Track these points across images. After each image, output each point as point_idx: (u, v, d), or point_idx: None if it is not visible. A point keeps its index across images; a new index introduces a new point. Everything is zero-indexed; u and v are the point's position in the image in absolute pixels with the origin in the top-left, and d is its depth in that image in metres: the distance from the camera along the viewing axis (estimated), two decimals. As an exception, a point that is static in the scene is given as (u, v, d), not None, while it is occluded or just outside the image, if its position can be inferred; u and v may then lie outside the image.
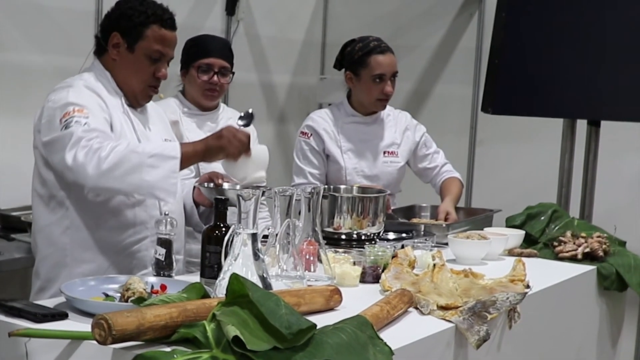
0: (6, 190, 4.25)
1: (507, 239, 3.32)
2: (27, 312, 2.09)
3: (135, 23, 2.88)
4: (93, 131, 2.64)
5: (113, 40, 2.90)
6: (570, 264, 3.28)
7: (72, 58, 4.59)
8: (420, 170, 4.10)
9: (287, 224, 2.41)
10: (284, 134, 6.09)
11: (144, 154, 2.61)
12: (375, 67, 3.86)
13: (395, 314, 2.26)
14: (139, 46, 2.89)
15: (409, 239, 3.19)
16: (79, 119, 2.67)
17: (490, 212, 3.88)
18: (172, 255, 2.52)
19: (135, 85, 2.94)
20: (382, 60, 3.86)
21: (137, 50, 2.89)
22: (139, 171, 2.59)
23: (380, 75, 3.85)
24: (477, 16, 6.03)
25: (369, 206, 3.05)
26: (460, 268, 2.77)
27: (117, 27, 2.89)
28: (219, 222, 2.51)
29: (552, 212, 3.68)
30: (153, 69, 2.92)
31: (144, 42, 2.89)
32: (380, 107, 3.95)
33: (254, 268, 2.18)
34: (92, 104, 2.76)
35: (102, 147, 2.59)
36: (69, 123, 2.67)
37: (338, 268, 2.62)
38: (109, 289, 2.31)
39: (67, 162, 2.62)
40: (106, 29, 2.93)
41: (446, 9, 6.10)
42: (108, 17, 2.96)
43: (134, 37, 2.88)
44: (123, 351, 1.86)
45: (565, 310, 3.07)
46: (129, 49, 2.89)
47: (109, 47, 2.91)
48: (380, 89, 3.87)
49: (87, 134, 2.63)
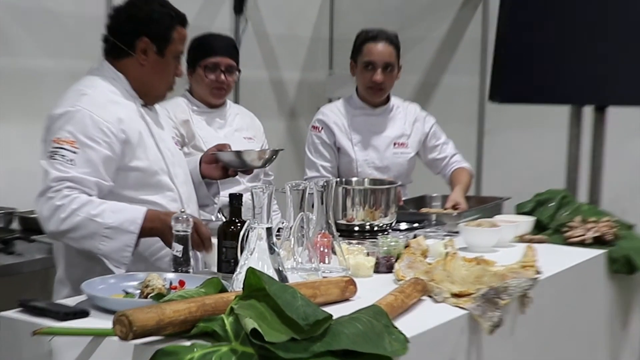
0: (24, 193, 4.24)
1: (517, 225, 3.32)
2: (50, 311, 2.10)
3: (164, 27, 2.83)
4: (64, 181, 2.61)
5: (141, 45, 2.83)
6: (580, 249, 3.27)
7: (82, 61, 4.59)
8: (430, 161, 4.10)
9: (301, 218, 2.41)
10: (295, 129, 6.10)
11: (102, 225, 2.60)
12: (365, 54, 3.89)
13: (410, 303, 2.26)
14: (169, 50, 2.85)
15: (421, 228, 3.20)
16: (65, 152, 2.64)
17: (500, 200, 3.88)
18: (189, 252, 2.52)
19: (162, 87, 2.93)
20: (372, 47, 3.87)
21: (167, 54, 2.86)
22: (94, 239, 2.62)
23: (369, 62, 3.87)
24: (481, 7, 6.02)
25: (381, 198, 3.05)
26: (472, 256, 2.77)
27: (146, 32, 2.82)
28: (234, 217, 2.51)
29: (561, 198, 3.68)
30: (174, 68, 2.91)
31: (173, 45, 2.86)
32: (371, 96, 3.95)
33: (269, 262, 2.19)
34: (89, 131, 2.69)
35: (64, 206, 2.59)
36: (54, 153, 2.65)
37: (352, 259, 2.63)
38: (129, 286, 2.32)
39: (36, 208, 2.65)
40: (129, 32, 2.84)
41: (451, 1, 6.09)
42: (130, 20, 2.84)
43: (165, 41, 2.84)
44: (144, 346, 1.86)
45: (575, 294, 3.07)
46: (159, 53, 2.85)
47: (136, 52, 2.84)
48: (369, 77, 3.88)
49: (56, 183, 2.61)
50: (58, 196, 2.60)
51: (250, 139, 3.82)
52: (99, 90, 2.81)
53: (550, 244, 3.34)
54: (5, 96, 4.26)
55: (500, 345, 2.46)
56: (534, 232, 3.45)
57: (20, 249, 3.70)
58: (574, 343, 3.10)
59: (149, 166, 2.84)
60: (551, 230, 3.51)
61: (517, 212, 3.62)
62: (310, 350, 1.76)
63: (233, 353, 1.77)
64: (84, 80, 2.87)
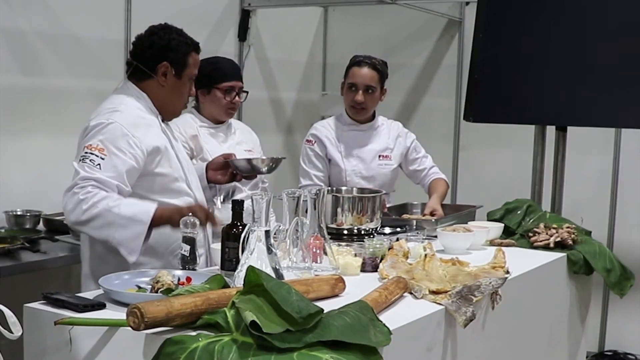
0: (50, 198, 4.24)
1: (488, 231, 3.31)
2: (70, 303, 2.08)
3: (181, 53, 2.91)
4: (89, 180, 2.65)
5: (162, 69, 2.90)
6: (544, 252, 3.26)
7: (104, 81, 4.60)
8: (411, 172, 4.09)
9: (296, 222, 2.40)
10: (291, 143, 6.08)
11: (117, 215, 2.63)
12: (350, 77, 3.91)
13: (392, 299, 2.25)
14: (185, 73, 2.93)
15: (403, 232, 3.18)
16: (94, 157, 2.69)
17: (473, 208, 3.87)
18: (196, 251, 2.51)
19: (179, 105, 3.01)
20: (356, 71, 3.89)
21: (184, 77, 2.93)
22: (110, 228, 2.64)
23: (352, 84, 3.90)
24: (457, 37, 6.03)
25: (368, 205, 3.04)
26: (448, 257, 2.76)
27: (166, 57, 2.89)
28: (236, 221, 2.49)
29: (527, 206, 3.66)
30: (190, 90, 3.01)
31: (188, 69, 2.94)
32: (354, 114, 3.96)
33: (267, 261, 2.17)
34: (118, 142, 2.73)
35: (86, 199, 2.62)
36: (85, 157, 2.70)
37: (341, 259, 2.61)
38: (141, 281, 2.30)
39: (62, 202, 2.68)
40: (151, 58, 2.90)
41: (430, 32, 6.10)
42: (151, 47, 2.90)
43: (182, 66, 2.91)
44: (154, 336, 1.85)
45: (540, 292, 3.06)
46: (177, 76, 2.92)
47: (157, 75, 2.90)
48: (352, 97, 3.90)
49: (82, 181, 2.65)
50: (82, 192, 2.64)
51: (249, 151, 3.81)
52: (129, 107, 2.85)
53: (517, 247, 3.33)
54: (37, 111, 4.25)
55: (473, 337, 2.45)
56: (503, 236, 3.44)
57: (45, 248, 3.68)
58: (538, 335, 3.08)
59: (171, 173, 2.89)
60: (518, 235, 3.50)
61: (488, 219, 3.60)
62: (303, 341, 1.75)
63: (234, 342, 1.75)
64: (114, 98, 2.91)
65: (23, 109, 4.18)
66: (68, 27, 4.37)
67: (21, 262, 3.49)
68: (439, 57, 6.10)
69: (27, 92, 4.20)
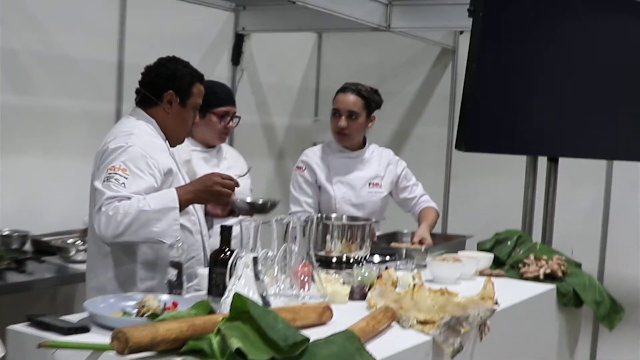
0: (39, 218, 4.24)
1: (478, 261, 3.31)
2: (55, 326, 2.08)
3: (186, 83, 3.06)
4: (114, 198, 2.77)
5: (167, 97, 3.05)
6: (533, 284, 3.26)
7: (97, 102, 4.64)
8: (402, 200, 4.09)
9: (285, 248, 2.40)
10: (283, 168, 6.08)
11: (151, 211, 2.76)
12: (334, 103, 3.94)
13: (380, 328, 2.24)
14: (189, 102, 3.08)
15: (392, 261, 3.17)
16: (118, 177, 2.82)
17: (464, 238, 3.87)
18: (182, 277, 2.50)
19: (183, 132, 3.14)
20: (340, 97, 3.92)
21: (188, 105, 3.09)
22: (148, 226, 2.76)
23: (335, 110, 3.92)
24: (450, 66, 6.06)
25: (357, 233, 3.02)
26: (437, 287, 2.74)
27: (172, 86, 3.05)
28: (224, 246, 2.49)
29: (518, 237, 3.67)
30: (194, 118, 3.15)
31: (192, 98, 3.09)
32: (338, 140, 3.97)
33: (255, 287, 2.17)
34: (139, 163, 2.87)
35: (116, 212, 2.74)
36: (109, 178, 2.83)
37: (329, 287, 2.60)
38: (127, 305, 2.29)
39: (95, 227, 2.80)
40: (158, 86, 3.06)
41: (424, 60, 6.13)
42: (158, 77, 3.06)
43: (186, 95, 3.07)
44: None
45: (529, 324, 3.05)
46: (181, 104, 3.07)
47: (163, 103, 3.06)
48: (335, 123, 3.91)
49: (109, 200, 2.77)
50: (110, 207, 2.76)
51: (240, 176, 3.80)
52: (142, 130, 3.01)
53: (507, 278, 3.33)
54: (28, 131, 4.25)
55: (460, 369, 2.44)
56: (493, 267, 3.44)
57: (31, 269, 3.67)
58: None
59: None
60: (508, 266, 3.50)
61: (478, 249, 3.60)
62: (288, 369, 1.74)
63: (219, 370, 1.74)
64: (127, 122, 3.06)
65: (14, 128, 4.18)
66: (61, 47, 4.38)
67: (7, 283, 3.48)
68: (432, 85, 6.13)
69: (18, 111, 4.21)
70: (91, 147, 4.53)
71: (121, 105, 4.68)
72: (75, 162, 4.46)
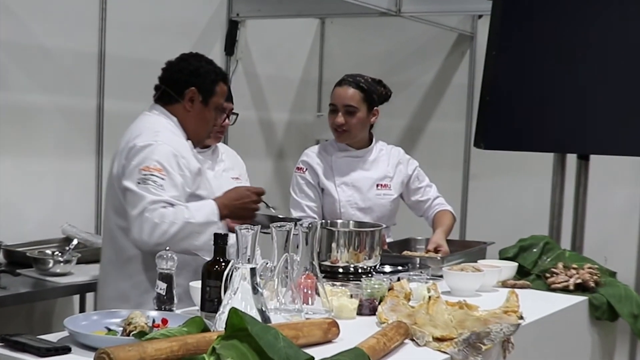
0: (10, 227, 4.24)
1: (500, 270, 3.31)
2: (31, 347, 2.08)
3: (210, 80, 3.23)
4: (159, 202, 2.93)
5: (189, 94, 3.21)
6: (563, 295, 3.26)
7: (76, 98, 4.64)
8: (413, 203, 4.09)
9: (285, 258, 2.40)
10: (283, 170, 6.09)
11: (196, 224, 2.96)
12: (331, 97, 3.94)
13: (392, 346, 2.24)
14: (212, 101, 3.25)
15: (405, 271, 3.17)
16: (155, 179, 2.98)
17: (484, 245, 3.86)
18: (173, 290, 2.51)
19: (203, 132, 3.31)
20: (336, 91, 3.93)
21: (210, 105, 3.25)
22: (191, 238, 2.96)
23: (332, 105, 3.92)
24: (468, 54, 6.07)
25: (366, 240, 3.03)
26: (455, 300, 2.75)
27: (194, 83, 3.20)
28: (218, 257, 2.49)
29: (544, 244, 3.67)
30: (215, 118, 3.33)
31: (215, 98, 3.26)
32: (337, 138, 3.98)
33: (252, 302, 2.18)
34: (172, 162, 3.04)
35: (162, 221, 2.91)
36: (145, 179, 2.98)
37: (335, 301, 2.61)
38: (111, 323, 2.30)
39: (133, 234, 2.96)
40: (179, 82, 3.21)
41: (438, 48, 6.14)
42: (181, 72, 3.22)
43: (209, 93, 3.23)
44: (125, 385, 1.84)
45: (558, 340, 3.05)
46: (204, 103, 3.24)
47: (184, 100, 3.21)
48: (332, 119, 3.92)
49: (152, 205, 2.93)
50: (155, 214, 2.92)
51: (237, 178, 3.81)
52: (166, 128, 3.17)
53: (532, 289, 3.33)
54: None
55: (482, 390, 2.44)
56: (517, 277, 3.43)
57: (5, 282, 3.67)
58: (555, 389, 3.08)
59: (207, 195, 3.19)
60: (534, 275, 3.50)
61: (501, 257, 3.60)
62: (290, 392, 1.75)
63: (213, 393, 1.75)
64: (147, 118, 3.22)
65: (-17, 128, 4.19)
66: (36, 37, 4.39)
67: (-23, 299, 3.48)
68: (448, 76, 6.13)
69: (-12, 109, 4.22)
70: (70, 147, 4.59)
71: (102, 100, 4.70)
72: (53, 165, 4.48)
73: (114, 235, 3.17)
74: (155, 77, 3.30)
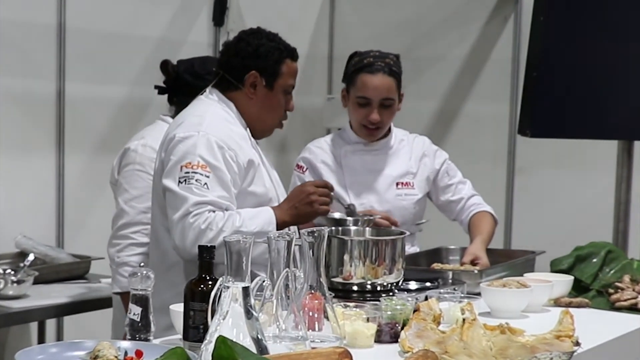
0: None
1: (552, 286, 3.31)
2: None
3: (273, 60, 3.38)
4: (204, 204, 3.11)
5: (250, 79, 3.37)
6: (630, 315, 3.26)
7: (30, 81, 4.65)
8: (444, 203, 4.08)
9: (286, 275, 2.40)
10: (287, 165, 6.07)
11: (247, 234, 2.88)
12: (359, 88, 3.87)
13: (418, 381, 2.25)
14: (277, 84, 3.40)
15: (434, 288, 3.18)
16: (199, 177, 3.15)
17: (532, 255, 3.87)
18: (150, 315, 2.51)
19: (271, 121, 3.48)
20: (368, 81, 3.85)
21: (276, 88, 3.41)
22: None
23: (363, 98, 3.86)
24: (512, 20, 6.05)
25: (386, 250, 3.03)
26: (496, 323, 2.75)
27: (255, 66, 3.37)
28: (204, 274, 2.50)
29: (606, 252, 3.66)
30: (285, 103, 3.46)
31: (282, 79, 3.41)
32: (365, 136, 3.95)
33: (246, 328, 2.18)
34: (217, 156, 3.20)
35: (210, 227, 3.08)
36: (188, 178, 3.16)
37: (348, 326, 2.62)
38: (74, 356, 2.30)
39: (175, 240, 3.14)
40: (238, 67, 3.37)
41: (476, 13, 6.13)
42: (238, 55, 3.38)
43: (274, 75, 3.39)
44: None
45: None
46: (268, 87, 3.40)
47: (245, 86, 3.38)
48: (364, 115, 3.88)
49: (196, 207, 3.10)
50: (201, 219, 3.10)
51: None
52: (217, 116, 3.33)
53: (592, 308, 3.33)
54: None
55: None
56: (573, 294, 3.44)
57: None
58: None
59: (265, 193, 3.39)
60: (594, 291, 3.50)
61: (552, 270, 3.60)
62: None
63: None
64: (199, 105, 3.40)
65: None
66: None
67: None
68: (488, 48, 6.13)
69: None
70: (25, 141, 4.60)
71: (63, 83, 4.70)
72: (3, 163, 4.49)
73: (159, 236, 3.32)
74: (127, 55, 3.33)
